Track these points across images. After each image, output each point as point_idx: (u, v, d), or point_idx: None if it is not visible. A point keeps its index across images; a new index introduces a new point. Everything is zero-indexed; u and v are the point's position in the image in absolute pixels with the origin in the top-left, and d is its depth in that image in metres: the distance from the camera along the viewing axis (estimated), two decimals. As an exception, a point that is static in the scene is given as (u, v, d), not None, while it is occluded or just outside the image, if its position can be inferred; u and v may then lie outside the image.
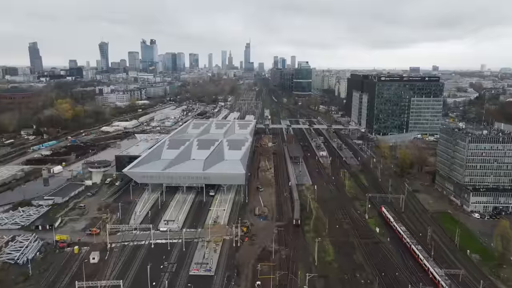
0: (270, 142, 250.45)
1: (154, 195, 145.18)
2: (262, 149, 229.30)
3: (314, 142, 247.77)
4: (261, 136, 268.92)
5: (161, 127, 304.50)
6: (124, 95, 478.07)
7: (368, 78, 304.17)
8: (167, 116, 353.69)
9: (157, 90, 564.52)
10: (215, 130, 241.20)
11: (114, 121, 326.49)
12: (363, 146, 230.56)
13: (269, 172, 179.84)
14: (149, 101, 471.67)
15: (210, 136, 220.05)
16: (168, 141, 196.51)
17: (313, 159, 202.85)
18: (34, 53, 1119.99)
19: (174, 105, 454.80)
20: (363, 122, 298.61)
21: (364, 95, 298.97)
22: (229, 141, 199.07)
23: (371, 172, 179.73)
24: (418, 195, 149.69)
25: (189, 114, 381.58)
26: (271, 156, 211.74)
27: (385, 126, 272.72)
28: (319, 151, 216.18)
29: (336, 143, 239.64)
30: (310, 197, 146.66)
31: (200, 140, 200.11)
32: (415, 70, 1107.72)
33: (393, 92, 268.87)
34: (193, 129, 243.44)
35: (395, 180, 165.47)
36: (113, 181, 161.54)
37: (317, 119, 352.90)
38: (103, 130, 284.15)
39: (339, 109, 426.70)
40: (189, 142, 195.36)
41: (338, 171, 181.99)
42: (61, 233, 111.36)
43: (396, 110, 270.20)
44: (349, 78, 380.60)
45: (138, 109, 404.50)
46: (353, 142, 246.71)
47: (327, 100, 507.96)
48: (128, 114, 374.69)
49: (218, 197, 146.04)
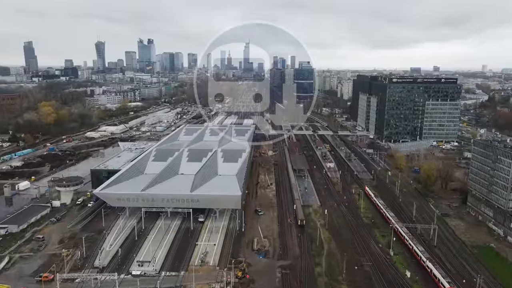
0: (271, 150, 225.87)
1: (131, 222, 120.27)
2: (261, 159, 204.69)
3: (319, 150, 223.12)
4: (261, 143, 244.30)
5: (151, 132, 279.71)
6: (116, 97, 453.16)
7: (377, 79, 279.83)
8: (159, 120, 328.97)
9: (151, 91, 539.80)
10: (209, 137, 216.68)
11: (102, 126, 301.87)
12: (375, 156, 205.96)
13: (270, 189, 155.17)
14: (142, 103, 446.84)
15: (203, 144, 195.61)
16: (155, 152, 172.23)
17: (320, 172, 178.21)
18: (29, 53, 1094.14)
19: (168, 107, 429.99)
20: (372, 128, 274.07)
21: (373, 98, 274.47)
22: (224, 151, 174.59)
23: (387, 189, 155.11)
24: (449, 220, 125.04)
25: (183, 118, 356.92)
26: (272, 167, 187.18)
27: (397, 133, 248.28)
28: (326, 162, 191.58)
29: (344, 152, 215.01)
30: (319, 223, 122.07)
31: (191, 150, 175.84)
32: (416, 70, 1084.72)
33: (406, 95, 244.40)
34: (185, 136, 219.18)
35: (417, 200, 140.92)
36: (86, 202, 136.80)
37: (321, 123, 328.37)
38: (88, 136, 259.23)
39: (343, 112, 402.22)
40: (179, 152, 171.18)
41: (350, 187, 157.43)
42: (3, 279, 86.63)
43: (409, 114, 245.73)
44: (354, 79, 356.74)
45: (129, 112, 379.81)
46: (362, 151, 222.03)
47: (329, 102, 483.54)
48: (119, 117, 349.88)
49: (208, 223, 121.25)
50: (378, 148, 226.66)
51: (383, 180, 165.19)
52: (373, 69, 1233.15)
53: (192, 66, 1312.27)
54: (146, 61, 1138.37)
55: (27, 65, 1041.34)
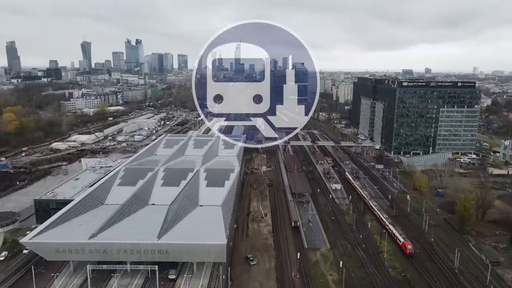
0: (265, 165, 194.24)
1: (75, 281, 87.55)
2: (254, 177, 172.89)
3: (320, 165, 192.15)
4: (252, 156, 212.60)
5: (128, 142, 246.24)
6: (95, 100, 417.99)
7: (383, 82, 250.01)
8: (139, 127, 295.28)
9: (136, 94, 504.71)
10: (193, 151, 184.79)
11: (73, 134, 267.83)
12: (387, 173, 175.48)
13: (265, 223, 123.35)
14: (124, 107, 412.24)
15: (184, 161, 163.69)
16: (123, 172, 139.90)
17: (325, 197, 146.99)
18: (12, 53, 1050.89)
19: (152, 112, 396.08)
20: (377, 137, 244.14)
21: (378, 103, 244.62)
22: (208, 171, 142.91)
23: (411, 222, 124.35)
24: (503, 272, 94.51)
25: (167, 124, 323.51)
26: (266, 189, 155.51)
27: (407, 143, 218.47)
28: (330, 183, 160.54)
29: (349, 168, 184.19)
30: (331, 278, 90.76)
31: (169, 169, 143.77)
32: (408, 72, 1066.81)
33: (418, 101, 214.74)
34: (164, 149, 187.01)
35: (452, 239, 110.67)
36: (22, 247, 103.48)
37: (319, 131, 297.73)
38: (54, 147, 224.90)
39: (341, 117, 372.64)
40: (153, 173, 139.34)
41: (363, 218, 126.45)
42: None
43: (421, 123, 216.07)
44: (355, 82, 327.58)
45: (108, 118, 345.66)
46: (369, 166, 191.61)
47: (326, 106, 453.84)
48: (95, 123, 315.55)
49: (182, 283, 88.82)
50: (388, 163, 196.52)
51: (403, 208, 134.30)
52: (366, 70, 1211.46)
53: (182, 67, 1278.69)
54: (133, 62, 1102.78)
55: (9, 66, 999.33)
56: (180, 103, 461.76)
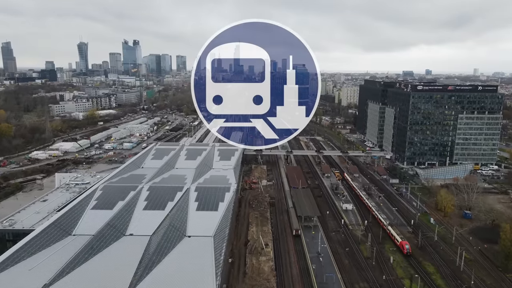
0: (265, 179, 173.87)
1: None
2: (252, 193, 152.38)
3: (327, 179, 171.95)
4: (251, 167, 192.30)
5: (116, 151, 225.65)
6: (86, 103, 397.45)
7: (393, 86, 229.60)
8: (130, 133, 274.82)
9: (130, 96, 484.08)
10: (184, 163, 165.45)
11: (58, 141, 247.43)
12: (403, 189, 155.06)
13: (266, 256, 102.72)
14: (117, 111, 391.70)
15: (173, 176, 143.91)
16: (100, 192, 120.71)
17: (335, 220, 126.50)
18: (7, 54, 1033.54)
19: (146, 116, 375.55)
20: (387, 145, 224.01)
21: (389, 108, 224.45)
22: (200, 190, 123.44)
23: (441, 255, 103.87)
24: None
25: (160, 130, 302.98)
26: (267, 210, 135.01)
27: (421, 153, 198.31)
28: (341, 202, 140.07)
29: (360, 183, 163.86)
30: None
31: (154, 188, 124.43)
32: (408, 73, 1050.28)
33: (434, 106, 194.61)
34: (153, 161, 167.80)
35: (497, 281, 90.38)
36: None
37: (323, 138, 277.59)
38: (32, 156, 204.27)
39: (345, 122, 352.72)
40: (135, 193, 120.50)
41: (383, 249, 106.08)
42: None
43: (438, 131, 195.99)
44: (361, 85, 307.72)
45: (98, 122, 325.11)
46: (382, 179, 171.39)
47: (329, 110, 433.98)
48: (83, 128, 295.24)
49: None
50: (403, 176, 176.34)
51: (429, 236, 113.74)
52: (366, 72, 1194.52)
53: (181, 69, 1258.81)
54: (131, 63, 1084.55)
55: (4, 67, 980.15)
56: (176, 106, 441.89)
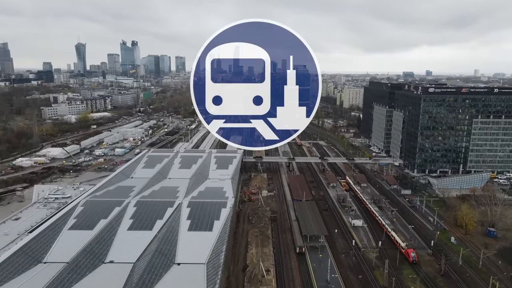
0: (265, 189, 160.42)
1: None
2: (251, 206, 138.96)
3: (333, 189, 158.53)
4: (251, 175, 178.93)
5: (107, 157, 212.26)
6: (80, 106, 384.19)
7: (402, 88, 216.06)
8: (123, 138, 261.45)
9: (126, 98, 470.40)
10: (178, 172, 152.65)
11: (47, 146, 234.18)
12: (417, 201, 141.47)
13: (266, 286, 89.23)
14: (111, 113, 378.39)
15: (164, 188, 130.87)
16: (81, 208, 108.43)
17: (344, 239, 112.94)
18: (4, 55, 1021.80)
19: (142, 119, 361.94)
20: (395, 151, 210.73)
21: (397, 112, 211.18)
22: (194, 206, 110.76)
23: (468, 283, 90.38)
24: None
25: (155, 134, 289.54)
26: (268, 226, 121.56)
27: (433, 160, 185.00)
28: (349, 217, 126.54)
29: (369, 194, 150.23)
30: None
31: (142, 204, 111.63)
32: (409, 75, 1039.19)
33: (447, 110, 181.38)
34: (144, 170, 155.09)
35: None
36: None
37: (326, 142, 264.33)
38: (17, 163, 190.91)
39: (349, 125, 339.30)
40: (120, 209, 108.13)
41: (401, 276, 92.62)
42: None
43: (451, 136, 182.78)
44: (366, 87, 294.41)
45: (92, 125, 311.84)
46: (393, 190, 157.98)
47: (330, 112, 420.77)
48: (75, 133, 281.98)
49: None
50: (414, 185, 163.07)
51: (453, 260, 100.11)
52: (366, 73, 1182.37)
53: (180, 70, 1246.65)
54: (129, 64, 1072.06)
55: (1, 68, 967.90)
56: (173, 109, 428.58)
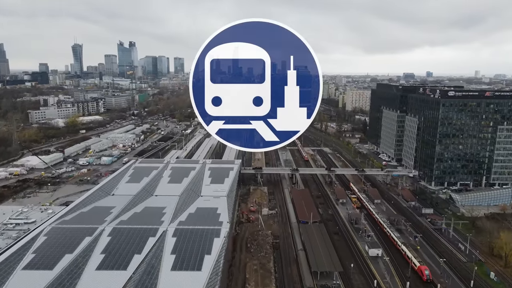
0: (266, 206, 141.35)
1: None
2: (250, 230, 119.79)
3: (342, 207, 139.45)
4: (249, 189, 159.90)
5: (92, 167, 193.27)
6: (71, 109, 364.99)
7: (416, 91, 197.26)
8: (112, 144, 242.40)
9: (120, 100, 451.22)
10: (167, 188, 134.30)
11: (28, 154, 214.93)
12: (442, 223, 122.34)
13: None
14: (104, 117, 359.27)
15: (148, 210, 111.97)
16: (44, 238, 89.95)
17: (361, 274, 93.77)
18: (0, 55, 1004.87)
19: (135, 123, 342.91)
20: (408, 160, 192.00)
21: (410, 117, 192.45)
22: (181, 235, 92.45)
23: None
24: None
25: (147, 140, 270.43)
26: (270, 257, 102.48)
27: (452, 172, 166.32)
28: (365, 245, 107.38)
29: (384, 213, 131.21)
30: None
31: (118, 233, 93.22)
32: (409, 76, 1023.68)
33: (469, 116, 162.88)
34: (128, 184, 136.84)
35: None
36: None
37: (330, 149, 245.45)
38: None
39: (353, 129, 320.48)
40: (90, 240, 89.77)
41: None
42: None
43: (472, 145, 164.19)
44: (374, 89, 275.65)
45: (80, 130, 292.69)
46: (411, 207, 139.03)
47: (333, 115, 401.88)
48: (62, 138, 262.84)
49: None
50: (434, 202, 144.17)
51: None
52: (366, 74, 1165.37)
53: (178, 71, 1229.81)
54: (126, 65, 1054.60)
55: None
56: (169, 111, 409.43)
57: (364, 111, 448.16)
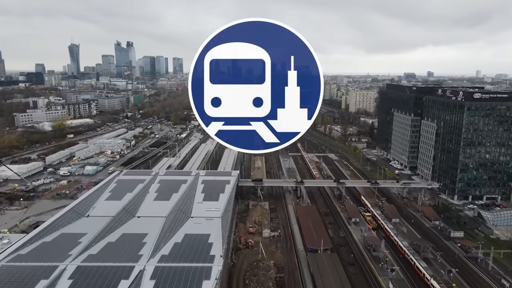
0: (267, 226, 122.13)
1: None
2: (248, 260, 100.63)
3: (356, 228, 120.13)
4: (248, 205, 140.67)
5: (73, 177, 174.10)
6: (60, 111, 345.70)
7: (432, 92, 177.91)
8: (100, 150, 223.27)
9: (113, 102, 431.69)
10: (152, 206, 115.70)
11: (6, 162, 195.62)
12: (476, 252, 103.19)
13: None
14: (95, 120, 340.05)
15: (125, 238, 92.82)
16: None
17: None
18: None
19: (127, 126, 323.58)
20: (424, 169, 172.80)
21: (427, 121, 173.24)
22: (161, 277, 73.07)
23: None
24: None
25: (139, 145, 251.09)
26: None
27: (477, 184, 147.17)
28: (390, 283, 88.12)
29: (406, 237, 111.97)
30: None
31: (81, 274, 73.97)
32: (410, 75, 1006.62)
33: (497, 121, 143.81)
34: (107, 202, 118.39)
35: None
36: None
37: (337, 155, 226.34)
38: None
39: (359, 132, 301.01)
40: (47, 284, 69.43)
41: None
42: None
43: (501, 153, 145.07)
44: (383, 90, 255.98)
45: (68, 134, 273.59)
46: (433, 226, 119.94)
47: (337, 117, 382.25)
48: (46, 144, 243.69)
49: None
50: (461, 221, 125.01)
51: None
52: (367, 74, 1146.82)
53: (177, 71, 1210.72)
54: (124, 65, 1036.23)
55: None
56: (165, 114, 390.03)
57: (369, 113, 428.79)
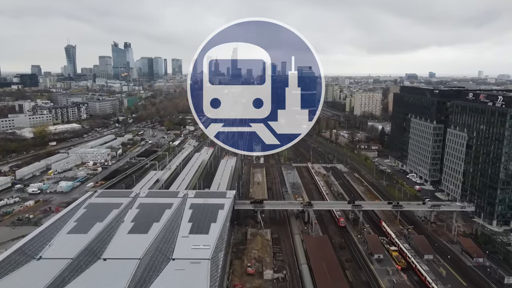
0: (269, 265, 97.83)
1: None
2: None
3: (380, 268, 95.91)
4: (246, 234, 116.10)
5: (44, 196, 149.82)
6: (46, 116, 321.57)
7: (459, 95, 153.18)
8: (81, 161, 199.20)
9: (105, 105, 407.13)
10: (124, 242, 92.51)
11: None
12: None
13: None
14: (83, 125, 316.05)
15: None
16: None
17: None
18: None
19: (117, 132, 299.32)
20: (451, 186, 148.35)
21: (454, 130, 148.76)
22: None
23: None
24: None
25: (126, 154, 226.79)
26: None
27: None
28: None
29: (445, 280, 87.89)
30: None
31: None
32: (412, 76, 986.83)
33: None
34: (70, 236, 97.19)
35: None
36: None
37: (346, 166, 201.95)
38: None
39: (367, 139, 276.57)
40: None
41: None
42: None
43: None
44: (396, 93, 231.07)
45: (51, 141, 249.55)
46: (478, 266, 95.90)
47: (342, 122, 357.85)
48: (24, 153, 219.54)
49: None
50: (509, 256, 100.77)
51: None
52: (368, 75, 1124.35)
53: (176, 72, 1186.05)
54: (121, 66, 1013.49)
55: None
56: (159, 118, 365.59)
57: (375, 116, 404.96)
